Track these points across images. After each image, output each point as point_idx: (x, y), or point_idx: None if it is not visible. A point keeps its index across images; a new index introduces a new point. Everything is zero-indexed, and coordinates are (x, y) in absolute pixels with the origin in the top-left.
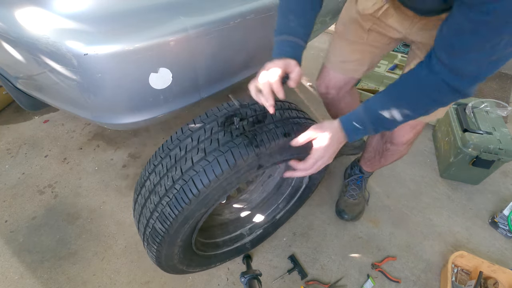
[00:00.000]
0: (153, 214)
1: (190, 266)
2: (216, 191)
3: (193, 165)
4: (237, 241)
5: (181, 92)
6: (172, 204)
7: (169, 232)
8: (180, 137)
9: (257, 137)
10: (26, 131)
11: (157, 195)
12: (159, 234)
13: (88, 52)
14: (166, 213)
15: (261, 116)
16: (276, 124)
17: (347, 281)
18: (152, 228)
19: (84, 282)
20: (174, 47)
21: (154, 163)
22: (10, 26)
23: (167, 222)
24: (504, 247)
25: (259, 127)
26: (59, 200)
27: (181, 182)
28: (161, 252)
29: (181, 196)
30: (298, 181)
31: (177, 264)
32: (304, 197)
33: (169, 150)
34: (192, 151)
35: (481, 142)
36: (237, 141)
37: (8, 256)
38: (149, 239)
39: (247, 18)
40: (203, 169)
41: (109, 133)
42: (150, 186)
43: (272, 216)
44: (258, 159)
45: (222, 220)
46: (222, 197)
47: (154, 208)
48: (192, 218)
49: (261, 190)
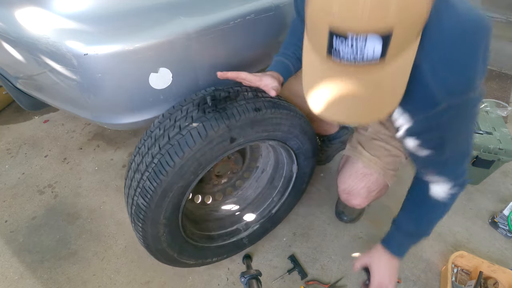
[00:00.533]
0: (136, 191)
1: (182, 255)
2: (191, 162)
3: (169, 140)
4: (233, 235)
5: (181, 92)
6: (151, 177)
7: (150, 206)
8: (160, 120)
9: (227, 111)
10: (26, 131)
11: (139, 172)
12: (141, 210)
13: (88, 52)
14: (146, 187)
15: (233, 95)
16: (247, 101)
17: (347, 281)
18: (136, 205)
19: (84, 282)
20: (174, 47)
21: (138, 146)
22: (10, 26)
23: (147, 196)
24: (504, 247)
25: (230, 103)
26: (59, 200)
27: (159, 156)
28: (147, 230)
29: (158, 169)
30: (288, 170)
31: (166, 248)
32: (298, 187)
33: (150, 132)
34: (169, 129)
35: (481, 142)
36: (208, 116)
37: (8, 256)
38: (134, 217)
39: (247, 18)
40: (177, 142)
41: (109, 133)
42: (134, 166)
43: (268, 211)
44: (229, 130)
45: (218, 215)
46: (198, 171)
47: (137, 185)
48: (170, 191)
49: (256, 186)
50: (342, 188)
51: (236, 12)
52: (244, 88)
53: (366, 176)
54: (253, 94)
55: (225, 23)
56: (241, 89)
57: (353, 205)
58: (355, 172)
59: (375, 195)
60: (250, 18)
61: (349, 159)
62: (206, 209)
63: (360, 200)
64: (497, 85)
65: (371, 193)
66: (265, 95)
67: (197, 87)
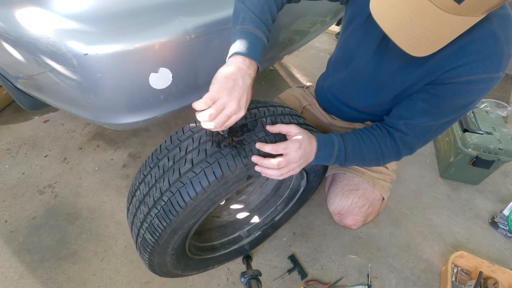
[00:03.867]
0: (143, 225)
1: (186, 270)
2: (204, 202)
3: (181, 177)
4: (235, 243)
5: (181, 92)
6: (160, 216)
7: (158, 243)
8: (168, 147)
9: (245, 146)
10: (26, 131)
11: (146, 206)
12: (149, 245)
13: (88, 52)
14: (155, 225)
15: (251, 124)
16: (266, 132)
17: (347, 281)
18: (142, 238)
19: (84, 282)
20: (174, 47)
21: (143, 173)
22: (10, 26)
23: (156, 233)
24: (504, 247)
25: (249, 136)
26: (59, 200)
27: (169, 194)
28: (153, 260)
29: (168, 208)
30: (296, 184)
31: (172, 270)
32: (303, 199)
33: (158, 160)
34: (180, 162)
35: (481, 142)
36: (224, 152)
37: (8, 256)
38: (141, 248)
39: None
40: (190, 181)
41: (109, 133)
42: (140, 196)
43: (271, 218)
44: (247, 169)
45: (220, 222)
46: (211, 208)
47: (143, 219)
48: (181, 229)
49: (260, 192)
50: (331, 210)
51: None
52: (262, 111)
53: (352, 192)
54: (272, 121)
55: (225, 23)
56: (259, 113)
57: (348, 226)
58: (341, 190)
59: (368, 211)
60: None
61: (334, 178)
62: (209, 215)
63: (353, 218)
64: (497, 85)
65: (362, 208)
66: (284, 121)
67: (197, 87)
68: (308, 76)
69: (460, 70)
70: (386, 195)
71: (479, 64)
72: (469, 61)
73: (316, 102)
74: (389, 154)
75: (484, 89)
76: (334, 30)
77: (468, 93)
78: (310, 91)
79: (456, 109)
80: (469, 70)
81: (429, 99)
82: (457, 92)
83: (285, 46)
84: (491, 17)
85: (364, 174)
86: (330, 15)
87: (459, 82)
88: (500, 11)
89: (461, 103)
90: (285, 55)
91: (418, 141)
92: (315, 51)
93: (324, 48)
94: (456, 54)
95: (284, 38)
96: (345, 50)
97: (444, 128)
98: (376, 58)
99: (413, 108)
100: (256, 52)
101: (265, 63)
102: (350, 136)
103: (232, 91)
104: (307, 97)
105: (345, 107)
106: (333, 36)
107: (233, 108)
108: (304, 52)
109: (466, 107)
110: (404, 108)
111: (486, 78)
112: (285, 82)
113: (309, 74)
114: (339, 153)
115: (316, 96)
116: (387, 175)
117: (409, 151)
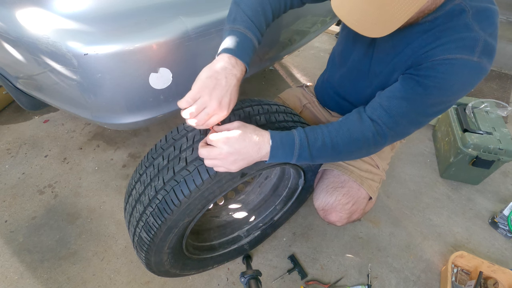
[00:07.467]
0: (139, 224)
1: (185, 270)
2: (198, 200)
3: (175, 175)
4: (234, 243)
5: (182, 92)
6: (155, 214)
7: (154, 241)
8: (163, 146)
9: None
10: (26, 131)
11: (142, 204)
12: (145, 243)
13: (88, 52)
14: (150, 223)
15: (244, 121)
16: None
17: (347, 281)
18: (138, 237)
19: (84, 282)
20: (174, 47)
21: (139, 172)
22: (10, 26)
23: (151, 231)
24: (504, 247)
25: None
26: (59, 200)
27: (163, 192)
28: (150, 259)
29: (163, 207)
30: (294, 183)
31: (169, 269)
32: (302, 198)
33: (153, 159)
34: (174, 161)
35: (481, 142)
36: None
37: (8, 256)
38: (137, 246)
39: None
40: (184, 179)
41: (109, 133)
42: (136, 195)
43: (270, 218)
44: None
45: (219, 222)
46: (205, 206)
47: (139, 218)
48: (176, 228)
49: (259, 192)
50: (316, 206)
51: None
52: (256, 110)
53: (337, 189)
54: (265, 119)
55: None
56: (253, 111)
57: (332, 222)
58: (326, 187)
59: (352, 208)
60: None
61: (323, 174)
62: (207, 215)
63: (336, 215)
64: (497, 85)
65: (346, 205)
66: (279, 119)
67: None
68: (308, 76)
69: (434, 51)
70: (373, 195)
71: (452, 45)
72: (442, 42)
73: (315, 100)
74: (370, 143)
75: (460, 75)
76: (334, 30)
77: (443, 75)
78: (310, 90)
79: (433, 95)
80: (443, 50)
81: (406, 83)
82: (432, 73)
83: (285, 46)
84: (467, 10)
85: (353, 172)
86: (330, 15)
87: (433, 61)
88: (477, 4)
89: (436, 88)
90: (285, 55)
91: (395, 128)
92: (315, 51)
93: (324, 48)
94: (430, 39)
95: (284, 38)
96: (344, 45)
97: (423, 119)
98: (369, 51)
99: (391, 94)
100: (244, 52)
101: (265, 63)
102: (320, 129)
103: (213, 90)
104: (307, 95)
105: (344, 102)
106: (333, 36)
107: (213, 108)
108: (304, 52)
109: (444, 96)
110: (383, 95)
111: (461, 59)
112: (285, 82)
113: (309, 74)
114: (301, 151)
115: (316, 92)
116: (376, 174)
117: (387, 140)
